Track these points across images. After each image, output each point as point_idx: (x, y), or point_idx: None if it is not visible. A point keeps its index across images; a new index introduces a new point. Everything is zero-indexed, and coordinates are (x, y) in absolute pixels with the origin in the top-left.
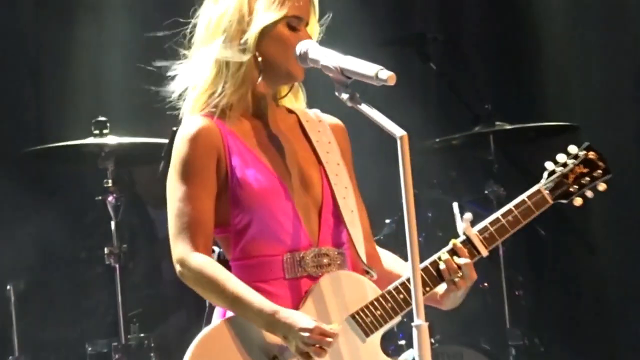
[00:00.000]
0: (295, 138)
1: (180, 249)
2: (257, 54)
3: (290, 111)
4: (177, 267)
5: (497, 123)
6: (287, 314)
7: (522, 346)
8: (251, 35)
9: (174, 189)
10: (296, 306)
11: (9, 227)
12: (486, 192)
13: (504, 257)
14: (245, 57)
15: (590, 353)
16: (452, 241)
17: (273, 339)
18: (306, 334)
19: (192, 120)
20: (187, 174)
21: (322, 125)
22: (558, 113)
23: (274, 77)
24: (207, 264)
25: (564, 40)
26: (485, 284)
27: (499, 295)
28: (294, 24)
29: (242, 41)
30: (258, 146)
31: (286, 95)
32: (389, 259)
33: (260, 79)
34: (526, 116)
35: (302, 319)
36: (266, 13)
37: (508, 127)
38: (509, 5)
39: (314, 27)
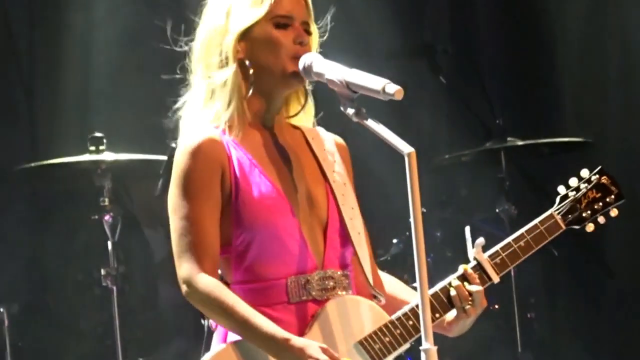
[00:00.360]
0: (302, 155)
1: (186, 270)
2: (247, 63)
3: (296, 128)
4: (184, 288)
5: (509, 139)
6: (300, 343)
7: None
8: (228, 45)
9: (177, 206)
10: (302, 332)
11: (2, 248)
12: (498, 210)
13: (516, 278)
14: (228, 72)
15: None
16: (463, 266)
17: None
18: (322, 357)
19: (194, 132)
20: (190, 189)
21: (327, 144)
22: (572, 129)
23: (272, 84)
24: (215, 286)
25: (579, 53)
26: (497, 306)
27: (510, 318)
28: (282, 22)
29: (221, 56)
30: (264, 161)
31: (298, 113)
32: (392, 283)
33: (251, 90)
34: (539, 132)
35: (314, 349)
36: (242, 17)
37: (520, 143)
38: (522, 18)
39: (313, 31)
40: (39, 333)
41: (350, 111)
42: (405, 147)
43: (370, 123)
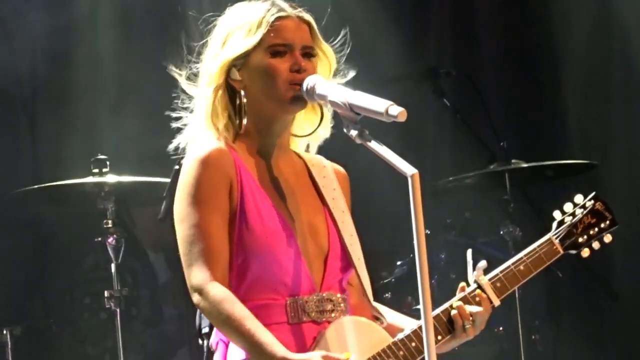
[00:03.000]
0: (302, 182)
1: (198, 277)
2: (242, 93)
3: (297, 154)
4: (195, 296)
5: (514, 161)
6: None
7: None
8: (211, 72)
9: (186, 214)
10: (302, 352)
11: (5, 270)
12: (502, 232)
13: (520, 300)
14: (206, 99)
15: None
16: (461, 285)
17: None
18: None
19: (205, 143)
20: (200, 197)
21: (327, 172)
22: (576, 151)
23: (271, 111)
24: (227, 297)
25: (583, 76)
26: (501, 329)
27: (514, 340)
28: (279, 50)
29: (208, 79)
30: (266, 185)
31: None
32: (388, 311)
33: (245, 119)
34: (543, 154)
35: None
36: (234, 47)
37: (524, 165)
38: (526, 41)
39: (324, 51)
40: (42, 355)
41: (354, 133)
42: (408, 169)
43: (374, 145)
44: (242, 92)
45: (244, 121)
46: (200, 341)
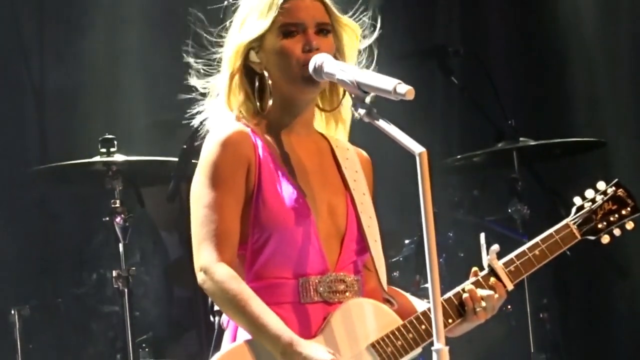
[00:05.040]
0: (325, 162)
1: (205, 257)
2: (266, 74)
3: (322, 135)
4: (200, 276)
5: (521, 139)
6: (303, 346)
7: None
8: (226, 56)
9: (201, 194)
10: (312, 332)
11: (13, 250)
12: (510, 211)
13: (528, 279)
14: (223, 81)
15: None
16: (474, 269)
17: None
18: None
19: (226, 125)
20: (216, 179)
21: (351, 154)
22: (584, 129)
23: (288, 91)
24: (232, 278)
25: (592, 53)
26: (509, 307)
27: (523, 319)
28: (290, 30)
29: (226, 63)
30: (287, 165)
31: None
32: (401, 295)
33: (271, 100)
34: (552, 132)
35: (317, 352)
36: (250, 30)
37: (532, 143)
38: (534, 18)
39: (343, 24)
40: (50, 335)
41: (362, 111)
42: (416, 147)
43: (382, 123)
44: (266, 74)
45: (270, 102)
46: (212, 318)
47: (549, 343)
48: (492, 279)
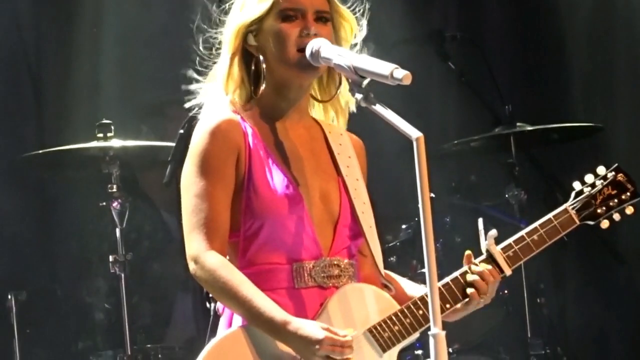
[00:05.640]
0: (317, 148)
1: (195, 247)
2: (261, 58)
3: (315, 121)
4: (191, 265)
5: (518, 124)
6: (297, 326)
7: (543, 356)
8: (226, 38)
9: (191, 184)
10: (310, 317)
11: (10, 235)
12: (507, 195)
13: (525, 264)
14: (224, 64)
15: None
16: (467, 253)
17: (288, 348)
18: (316, 347)
19: (214, 113)
20: (206, 168)
21: (344, 139)
22: (581, 114)
23: (284, 76)
24: (222, 265)
25: (589, 38)
26: (506, 292)
27: (519, 304)
28: (289, 14)
29: (226, 45)
30: (278, 152)
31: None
32: (399, 280)
33: (264, 85)
34: (549, 117)
35: (311, 330)
36: (248, 12)
37: (530, 128)
38: (531, 3)
39: (342, 14)
40: (47, 320)
41: (359, 96)
42: (413, 132)
43: (379, 108)
44: (261, 58)
45: (262, 86)
46: (207, 304)
47: (545, 328)
48: (484, 265)
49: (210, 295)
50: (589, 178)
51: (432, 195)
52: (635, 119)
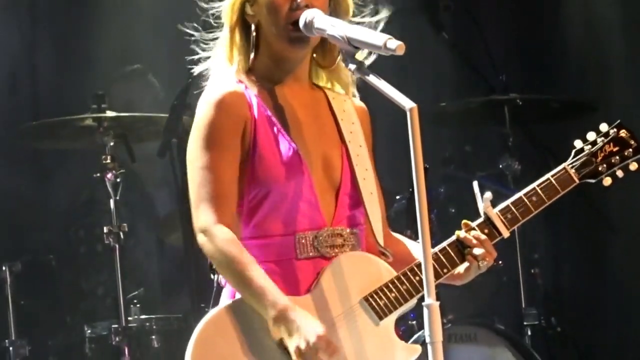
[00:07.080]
0: (321, 114)
1: (204, 219)
2: (252, 27)
3: (319, 88)
4: (200, 237)
5: (512, 95)
6: (298, 315)
7: (538, 326)
8: (223, 8)
9: (197, 156)
10: (308, 287)
11: (4, 206)
12: (501, 166)
13: (520, 234)
14: (223, 33)
15: (608, 334)
16: (464, 222)
17: None
18: (313, 339)
19: (219, 84)
20: (212, 139)
21: (348, 105)
22: (576, 86)
23: (278, 47)
24: (231, 241)
25: (584, 9)
26: (500, 262)
27: (514, 274)
28: None
29: (225, 16)
30: (283, 120)
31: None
32: (405, 243)
33: (252, 53)
34: (542, 88)
35: (312, 323)
36: None
37: (524, 97)
38: None
39: None
40: (41, 291)
41: (352, 67)
42: (407, 103)
43: (372, 78)
44: (252, 27)
45: (251, 55)
46: (212, 276)
47: (540, 298)
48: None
49: (214, 267)
50: (590, 136)
51: (426, 165)
52: (630, 92)
